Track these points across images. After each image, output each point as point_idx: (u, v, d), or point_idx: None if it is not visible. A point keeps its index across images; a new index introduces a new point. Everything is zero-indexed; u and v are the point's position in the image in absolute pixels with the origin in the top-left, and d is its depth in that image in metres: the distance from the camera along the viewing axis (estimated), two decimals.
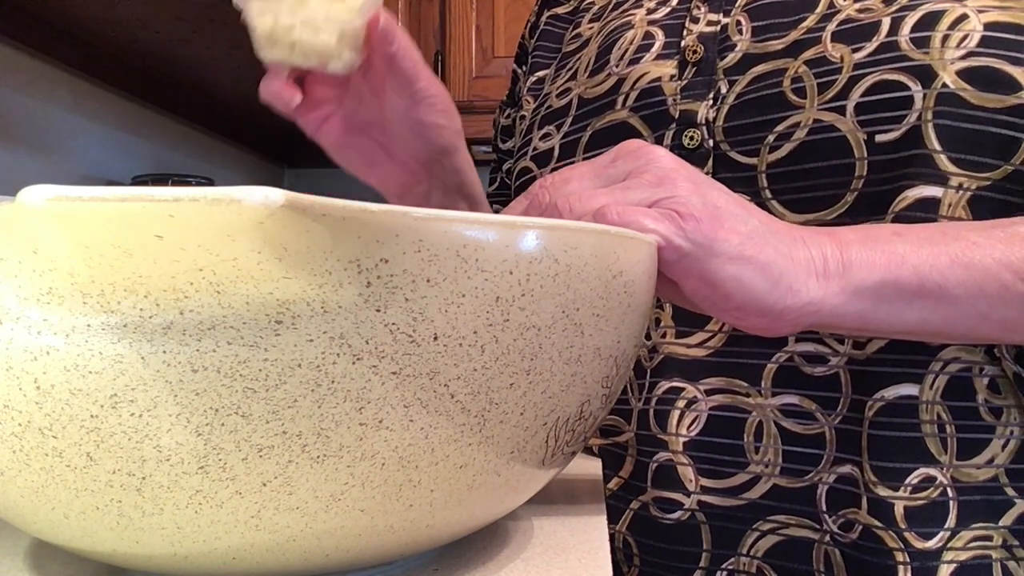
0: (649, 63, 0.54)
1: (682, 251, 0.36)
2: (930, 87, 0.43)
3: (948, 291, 0.38)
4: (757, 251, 0.37)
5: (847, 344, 0.46)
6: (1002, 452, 0.44)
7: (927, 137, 0.43)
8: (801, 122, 0.47)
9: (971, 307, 0.39)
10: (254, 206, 0.21)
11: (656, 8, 0.57)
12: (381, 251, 0.24)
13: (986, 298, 0.39)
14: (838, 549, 0.46)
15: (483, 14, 2.00)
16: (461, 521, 0.31)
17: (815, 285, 0.38)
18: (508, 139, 0.73)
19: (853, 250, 0.38)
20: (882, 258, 0.38)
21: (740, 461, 0.48)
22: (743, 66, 0.50)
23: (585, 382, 0.31)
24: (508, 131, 0.73)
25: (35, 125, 1.05)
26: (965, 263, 0.38)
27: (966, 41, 0.43)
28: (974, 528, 0.44)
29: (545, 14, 0.69)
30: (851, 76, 0.45)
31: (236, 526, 0.26)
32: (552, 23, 0.68)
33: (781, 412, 0.47)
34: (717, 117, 0.50)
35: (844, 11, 0.47)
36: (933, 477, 0.44)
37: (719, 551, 0.49)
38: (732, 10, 0.52)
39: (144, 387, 0.23)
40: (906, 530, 0.44)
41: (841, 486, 0.46)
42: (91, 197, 0.21)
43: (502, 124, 0.73)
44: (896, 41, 0.45)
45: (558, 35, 0.67)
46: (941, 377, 0.44)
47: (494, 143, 0.75)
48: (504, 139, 0.73)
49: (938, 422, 0.44)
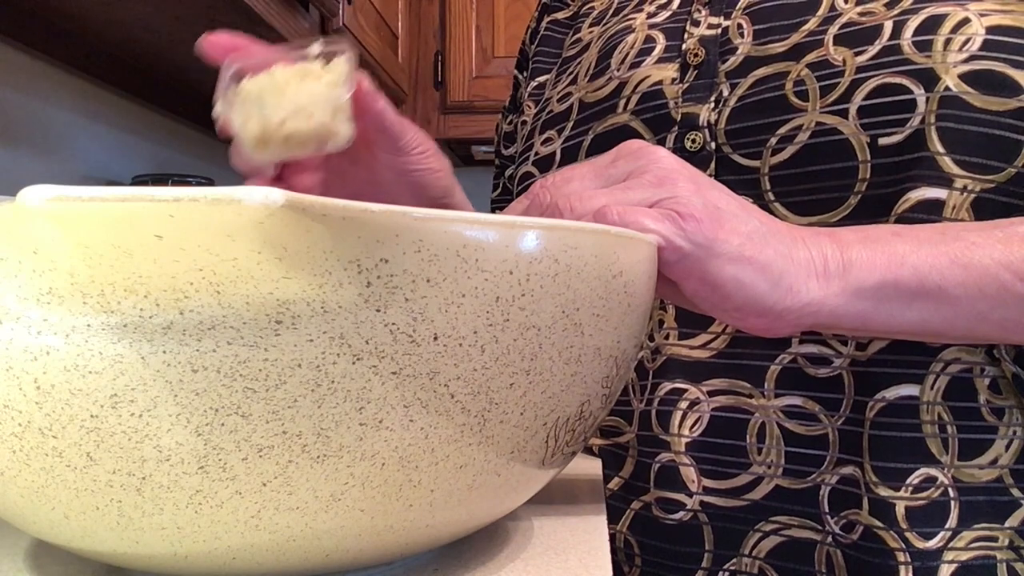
0: (650, 67, 0.54)
1: (682, 252, 0.36)
2: (933, 90, 0.43)
3: (948, 291, 0.38)
4: (757, 252, 0.37)
5: (850, 345, 0.46)
6: (1006, 453, 0.44)
7: (930, 140, 0.43)
8: (803, 125, 0.47)
9: (970, 307, 0.39)
10: (254, 206, 0.21)
11: (657, 12, 0.57)
12: (381, 251, 0.24)
13: (985, 298, 0.39)
14: (840, 550, 0.46)
15: (483, 14, 2.00)
16: (461, 521, 0.31)
17: (815, 286, 0.38)
18: (511, 145, 0.72)
19: (853, 250, 0.38)
20: (882, 258, 0.38)
21: (742, 462, 0.48)
22: (744, 69, 0.50)
23: (585, 382, 0.31)
24: (511, 137, 0.73)
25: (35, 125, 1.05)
26: (964, 263, 0.38)
27: (968, 44, 0.43)
28: (977, 528, 0.44)
29: (546, 19, 0.69)
30: (853, 79, 0.45)
31: (236, 526, 0.26)
32: (552, 28, 0.68)
33: (784, 413, 0.47)
34: (719, 120, 0.50)
35: (846, 14, 0.47)
36: (934, 477, 0.44)
37: (721, 551, 0.49)
38: (733, 13, 0.52)
39: (144, 387, 0.23)
40: (907, 530, 0.44)
41: (843, 487, 0.46)
42: (91, 197, 0.21)
43: (504, 130, 0.73)
44: (898, 44, 0.45)
45: (559, 40, 0.67)
46: (942, 378, 0.44)
47: (497, 149, 0.75)
48: (507, 145, 0.73)
49: (939, 422, 0.44)
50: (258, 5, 0.94)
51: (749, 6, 0.52)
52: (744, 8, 0.52)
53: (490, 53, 1.99)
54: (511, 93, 0.74)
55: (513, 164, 0.72)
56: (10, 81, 1.00)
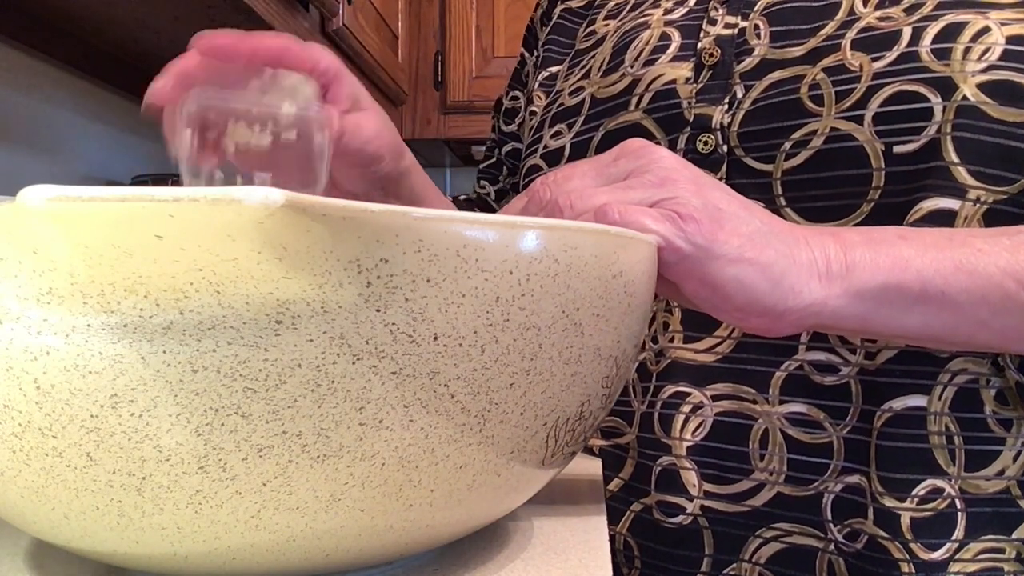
0: (665, 64, 0.53)
1: (682, 252, 0.36)
2: (950, 100, 0.43)
3: (951, 297, 0.38)
4: (758, 253, 0.37)
5: (859, 354, 0.46)
6: (1013, 464, 0.44)
7: (945, 150, 0.43)
8: (818, 130, 0.46)
9: (972, 314, 0.39)
10: (254, 206, 0.21)
11: (674, 8, 0.56)
12: (381, 251, 0.24)
13: (988, 306, 0.38)
14: (843, 558, 0.46)
15: (483, 14, 2.00)
16: (461, 521, 0.31)
17: (817, 286, 0.38)
18: (511, 122, 0.71)
19: (857, 252, 0.38)
20: (886, 261, 0.38)
21: (744, 468, 0.48)
22: (760, 71, 0.49)
23: (585, 382, 0.31)
24: (511, 114, 0.71)
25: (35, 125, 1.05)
26: (969, 270, 0.38)
27: (988, 54, 0.43)
28: (983, 540, 0.44)
29: (559, 6, 0.68)
30: (870, 86, 0.45)
31: (236, 526, 0.26)
32: (566, 17, 0.67)
33: (788, 420, 0.47)
34: (732, 122, 0.49)
35: (864, 19, 0.47)
36: (941, 488, 0.44)
37: (721, 556, 0.49)
38: (750, 14, 0.51)
39: (144, 387, 0.23)
40: (912, 541, 0.43)
41: (848, 496, 0.46)
42: (91, 197, 0.21)
43: (506, 106, 0.72)
44: (917, 52, 0.44)
45: (572, 30, 0.66)
46: (949, 388, 0.44)
47: (495, 123, 0.74)
48: (507, 121, 0.72)
49: (946, 433, 0.44)
50: (258, 5, 0.94)
51: (768, 7, 0.51)
52: (762, 9, 0.51)
53: (490, 53, 1.99)
54: (516, 68, 0.73)
55: (512, 141, 0.71)
56: (10, 81, 1.00)
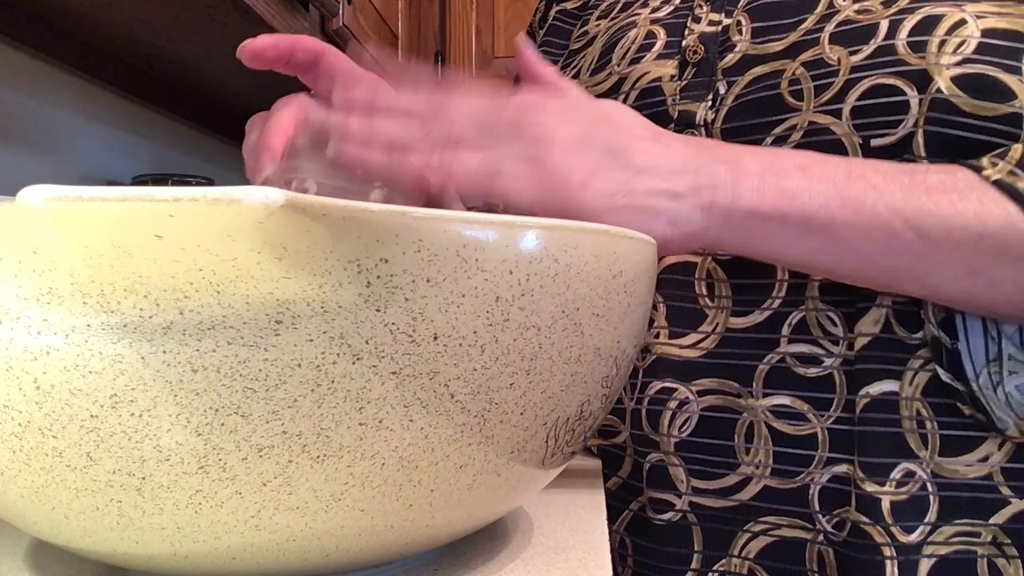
0: (650, 63, 0.54)
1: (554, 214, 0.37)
2: (925, 92, 0.43)
3: (834, 231, 0.40)
4: (630, 199, 0.39)
5: (842, 345, 0.46)
6: (998, 451, 0.44)
7: (916, 144, 0.43)
8: (798, 124, 0.47)
9: (857, 249, 0.40)
10: (254, 206, 0.21)
11: (660, 7, 0.57)
12: (381, 251, 0.24)
13: (872, 243, 0.40)
14: (831, 548, 0.46)
15: (483, 14, 2.00)
16: (461, 521, 0.31)
17: (698, 217, 0.41)
18: None
19: (746, 182, 0.40)
20: (772, 192, 0.40)
21: (731, 462, 0.48)
22: (742, 67, 0.50)
23: (585, 382, 0.31)
24: None
25: (35, 125, 1.05)
26: (856, 206, 0.40)
27: (963, 47, 0.43)
28: (957, 524, 0.44)
29: (554, 8, 0.69)
30: (847, 79, 0.45)
31: (236, 526, 0.26)
32: (561, 18, 0.68)
33: (772, 413, 0.47)
34: (716, 119, 0.50)
35: (843, 12, 0.47)
36: (913, 472, 0.44)
37: (710, 552, 0.49)
38: (734, 10, 0.52)
39: (144, 387, 0.23)
40: (892, 525, 0.44)
41: (834, 485, 0.46)
42: (91, 197, 0.21)
43: None
44: (893, 45, 0.44)
45: (566, 31, 0.67)
46: (921, 374, 0.44)
47: None
48: None
49: (917, 418, 0.44)
50: (258, 5, 0.94)
51: (749, 3, 0.51)
52: (744, 5, 0.51)
53: (490, 53, 2.00)
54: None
55: None
56: (10, 81, 1.00)
